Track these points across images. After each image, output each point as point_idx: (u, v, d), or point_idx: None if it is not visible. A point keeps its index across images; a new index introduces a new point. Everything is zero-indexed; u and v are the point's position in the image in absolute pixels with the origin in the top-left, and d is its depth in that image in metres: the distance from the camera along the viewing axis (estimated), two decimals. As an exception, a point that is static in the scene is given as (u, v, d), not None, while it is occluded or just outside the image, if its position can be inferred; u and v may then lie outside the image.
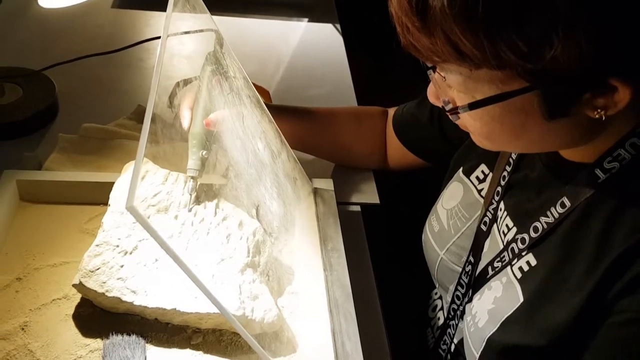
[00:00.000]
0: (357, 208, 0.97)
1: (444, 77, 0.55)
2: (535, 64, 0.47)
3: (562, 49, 0.45)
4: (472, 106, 0.53)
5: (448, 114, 0.57)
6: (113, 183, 0.80)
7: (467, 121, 0.58)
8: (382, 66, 1.57)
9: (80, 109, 1.08)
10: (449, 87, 0.56)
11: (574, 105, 0.51)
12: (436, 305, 0.89)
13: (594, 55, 0.46)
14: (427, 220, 0.86)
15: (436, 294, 0.90)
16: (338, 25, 1.46)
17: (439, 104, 0.59)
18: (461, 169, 0.81)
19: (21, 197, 0.83)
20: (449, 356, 0.81)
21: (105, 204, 0.78)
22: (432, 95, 0.60)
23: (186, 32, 0.72)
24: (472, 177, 0.79)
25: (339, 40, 1.42)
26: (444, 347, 0.81)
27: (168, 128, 0.89)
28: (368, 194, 0.98)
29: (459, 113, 0.55)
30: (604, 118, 0.51)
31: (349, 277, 0.76)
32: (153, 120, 0.87)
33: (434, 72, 0.55)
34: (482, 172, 0.78)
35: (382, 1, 0.56)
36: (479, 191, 0.77)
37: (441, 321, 0.85)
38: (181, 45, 1.28)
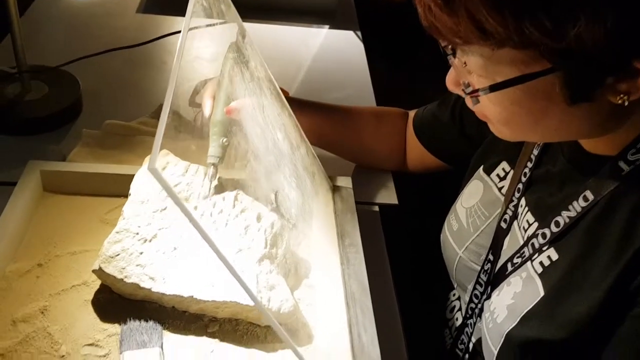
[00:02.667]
0: (376, 208, 0.96)
1: (465, 63, 0.55)
2: (559, 42, 0.47)
3: (587, 25, 0.45)
4: (493, 88, 0.53)
5: (468, 97, 0.57)
6: (134, 175, 0.81)
7: (487, 106, 0.58)
8: (403, 73, 1.58)
9: (103, 107, 1.10)
10: (469, 73, 0.56)
11: (597, 89, 0.51)
12: (454, 307, 0.88)
13: (618, 34, 0.46)
14: (446, 220, 0.85)
15: (454, 295, 0.90)
16: (359, 32, 1.47)
17: (458, 91, 0.59)
18: (481, 167, 0.81)
19: (44, 187, 0.84)
20: (466, 356, 0.80)
21: (126, 196, 0.79)
22: (452, 82, 0.60)
23: (210, 25, 0.73)
24: (493, 175, 0.78)
25: (360, 46, 1.43)
26: (462, 346, 0.80)
27: (189, 125, 0.90)
28: (387, 195, 0.98)
29: (479, 96, 0.55)
30: (626, 103, 0.51)
31: (367, 274, 0.76)
32: (175, 112, 0.88)
33: (454, 57, 0.55)
34: (503, 169, 0.77)
35: (403, 9, 0.56)
36: (500, 189, 0.77)
37: (459, 322, 0.84)
38: (203, 48, 1.30)
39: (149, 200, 0.75)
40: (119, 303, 0.70)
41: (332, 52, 1.40)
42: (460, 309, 0.86)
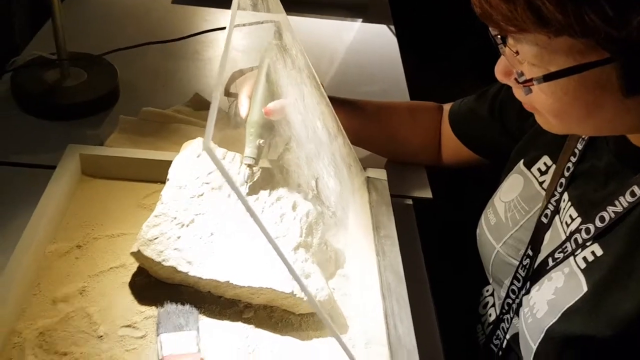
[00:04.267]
0: (409, 201, 0.96)
1: (516, 52, 0.54)
2: (620, 31, 0.45)
3: None
4: (547, 78, 0.52)
5: (519, 87, 0.56)
6: (171, 161, 0.81)
7: (538, 97, 0.56)
8: (436, 67, 1.56)
9: (139, 95, 1.11)
10: (520, 62, 0.55)
11: None
12: (487, 302, 0.87)
13: None
14: (483, 214, 0.84)
15: (487, 290, 0.88)
16: (392, 26, 1.46)
17: (508, 81, 0.58)
18: (522, 160, 0.79)
19: (83, 171, 0.85)
20: (500, 353, 0.79)
21: (163, 182, 0.79)
22: (501, 71, 0.58)
23: (253, 23, 0.73)
24: (534, 169, 0.77)
25: (393, 40, 1.42)
26: (497, 342, 0.79)
27: (224, 115, 0.90)
28: (420, 189, 0.97)
29: (532, 85, 0.54)
30: None
31: (402, 266, 0.75)
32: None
33: (505, 46, 0.54)
34: (545, 164, 0.76)
35: (437, 3, 0.56)
36: (541, 183, 0.75)
37: (492, 317, 0.83)
38: (240, 39, 1.30)
39: (186, 186, 0.76)
40: (155, 286, 0.70)
41: (365, 45, 1.39)
42: (494, 305, 0.84)
